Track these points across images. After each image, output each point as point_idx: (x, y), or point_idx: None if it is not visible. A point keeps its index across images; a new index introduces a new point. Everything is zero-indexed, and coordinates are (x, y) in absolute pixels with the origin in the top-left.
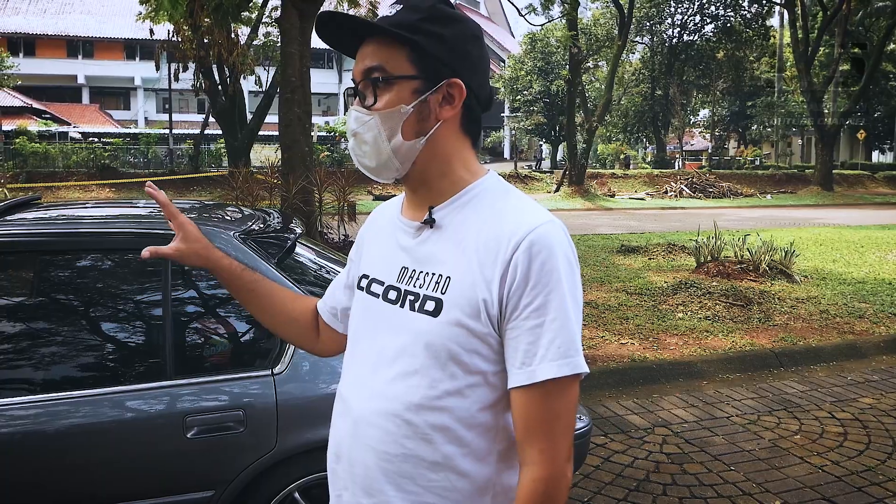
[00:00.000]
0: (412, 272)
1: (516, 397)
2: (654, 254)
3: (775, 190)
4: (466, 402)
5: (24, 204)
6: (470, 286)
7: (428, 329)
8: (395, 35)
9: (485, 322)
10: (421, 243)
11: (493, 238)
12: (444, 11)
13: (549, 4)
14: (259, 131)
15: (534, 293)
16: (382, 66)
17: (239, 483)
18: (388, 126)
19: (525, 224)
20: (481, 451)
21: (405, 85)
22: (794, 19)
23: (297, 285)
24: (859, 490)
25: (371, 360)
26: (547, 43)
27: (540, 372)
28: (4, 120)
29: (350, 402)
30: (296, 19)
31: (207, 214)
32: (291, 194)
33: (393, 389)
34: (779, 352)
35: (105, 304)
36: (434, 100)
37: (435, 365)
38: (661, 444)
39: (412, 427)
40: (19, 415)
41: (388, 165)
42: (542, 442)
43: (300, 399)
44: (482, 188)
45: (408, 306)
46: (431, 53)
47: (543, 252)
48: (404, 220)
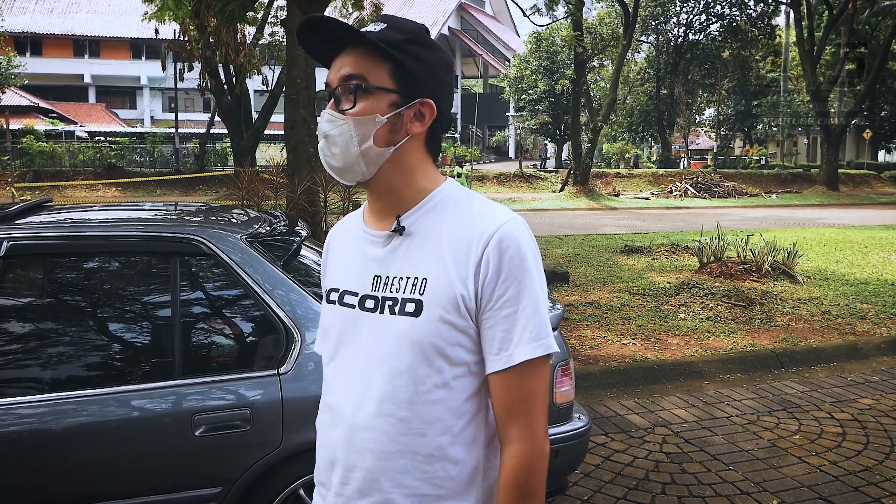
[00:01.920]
0: (386, 279)
1: (495, 381)
2: (657, 254)
3: (780, 190)
4: (454, 392)
5: (36, 207)
6: (447, 284)
7: (411, 329)
8: (382, 49)
9: (464, 315)
10: (392, 251)
11: (464, 238)
12: (425, 37)
13: (553, 5)
14: (264, 131)
15: (505, 284)
16: (364, 76)
17: (245, 480)
18: (360, 132)
19: (492, 223)
20: (469, 437)
21: (383, 97)
22: (800, 18)
23: (302, 287)
24: (856, 490)
25: (357, 368)
26: (552, 42)
27: (517, 355)
28: (12, 119)
29: (342, 411)
30: (301, 21)
31: (214, 217)
32: (297, 194)
33: (383, 391)
34: (780, 352)
35: (115, 305)
36: (407, 115)
37: (422, 362)
38: (660, 444)
39: (406, 424)
40: (33, 413)
41: (353, 168)
42: (522, 420)
43: (305, 398)
44: (445, 194)
45: (387, 311)
46: (411, 72)
47: (511, 247)
48: (370, 230)
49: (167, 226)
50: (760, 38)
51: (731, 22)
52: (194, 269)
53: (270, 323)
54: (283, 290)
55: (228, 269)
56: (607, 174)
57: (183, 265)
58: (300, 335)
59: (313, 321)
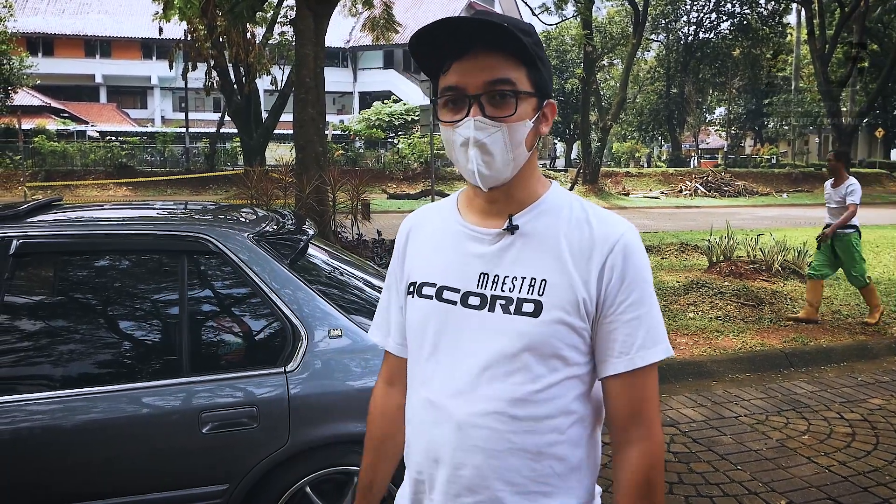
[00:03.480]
0: (496, 277)
1: (615, 383)
2: (666, 253)
3: (791, 189)
4: (564, 392)
5: (46, 205)
6: (568, 287)
7: (529, 329)
8: (524, 54)
9: (583, 318)
10: (503, 250)
11: (584, 242)
12: (538, 40)
13: (562, 4)
14: (274, 130)
15: (629, 290)
16: (513, 81)
17: (252, 477)
18: (514, 138)
19: (615, 230)
20: (575, 437)
21: (528, 101)
22: (812, 16)
23: (308, 285)
24: (865, 490)
25: (463, 365)
26: (561, 41)
27: (639, 358)
28: (24, 119)
29: (448, 408)
30: (310, 20)
31: (222, 216)
32: (305, 194)
33: (494, 389)
34: (789, 352)
35: (124, 303)
36: (541, 117)
37: (538, 362)
38: (668, 443)
39: (517, 422)
40: (42, 410)
41: (502, 174)
42: (643, 421)
43: (311, 396)
44: (556, 197)
45: (499, 310)
46: (543, 76)
47: (634, 254)
48: (474, 227)
49: (175, 224)
50: (771, 36)
51: (742, 20)
52: (202, 267)
53: (277, 321)
54: (290, 288)
55: (235, 267)
56: (617, 173)
57: (191, 263)
58: (307, 333)
59: (320, 319)
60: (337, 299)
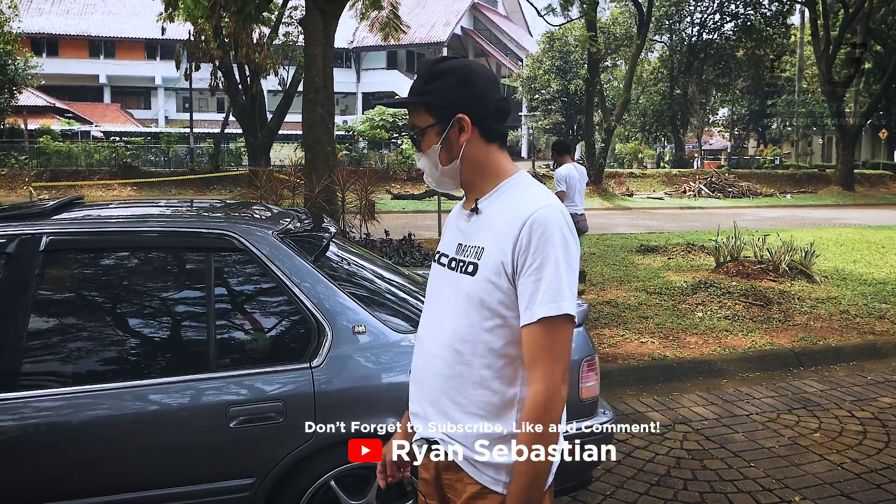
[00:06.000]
0: (462, 246)
1: (524, 333)
2: (672, 253)
3: (795, 190)
4: (495, 337)
5: (69, 203)
6: (495, 253)
7: (468, 285)
8: (412, 102)
9: (504, 278)
10: (470, 225)
11: (512, 218)
12: (437, 70)
13: (567, 5)
14: (279, 130)
15: (534, 257)
16: (415, 125)
17: (278, 471)
18: (432, 160)
19: (532, 207)
20: (508, 375)
21: (431, 131)
22: (815, 17)
23: (332, 282)
24: (878, 487)
25: (436, 309)
26: (565, 42)
27: (537, 312)
28: (29, 119)
29: (424, 340)
30: (319, 20)
31: (238, 214)
32: (315, 193)
33: (448, 330)
34: (798, 351)
35: (152, 299)
36: (453, 133)
37: (473, 310)
38: (681, 441)
39: (459, 355)
40: (72, 404)
41: (444, 183)
42: (542, 366)
43: (336, 391)
44: (511, 184)
45: (458, 269)
46: (438, 104)
47: (541, 227)
48: (462, 210)
49: (200, 221)
50: (775, 37)
51: (746, 21)
52: (228, 263)
53: (302, 317)
54: (315, 284)
55: (261, 263)
56: (620, 174)
57: (217, 260)
58: (331, 329)
59: (344, 315)
60: (360, 296)
